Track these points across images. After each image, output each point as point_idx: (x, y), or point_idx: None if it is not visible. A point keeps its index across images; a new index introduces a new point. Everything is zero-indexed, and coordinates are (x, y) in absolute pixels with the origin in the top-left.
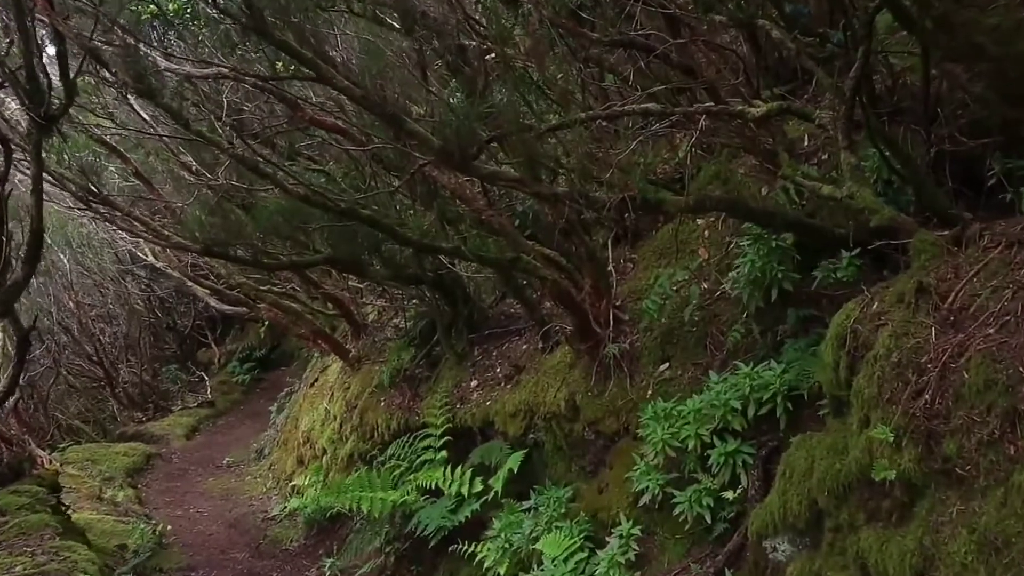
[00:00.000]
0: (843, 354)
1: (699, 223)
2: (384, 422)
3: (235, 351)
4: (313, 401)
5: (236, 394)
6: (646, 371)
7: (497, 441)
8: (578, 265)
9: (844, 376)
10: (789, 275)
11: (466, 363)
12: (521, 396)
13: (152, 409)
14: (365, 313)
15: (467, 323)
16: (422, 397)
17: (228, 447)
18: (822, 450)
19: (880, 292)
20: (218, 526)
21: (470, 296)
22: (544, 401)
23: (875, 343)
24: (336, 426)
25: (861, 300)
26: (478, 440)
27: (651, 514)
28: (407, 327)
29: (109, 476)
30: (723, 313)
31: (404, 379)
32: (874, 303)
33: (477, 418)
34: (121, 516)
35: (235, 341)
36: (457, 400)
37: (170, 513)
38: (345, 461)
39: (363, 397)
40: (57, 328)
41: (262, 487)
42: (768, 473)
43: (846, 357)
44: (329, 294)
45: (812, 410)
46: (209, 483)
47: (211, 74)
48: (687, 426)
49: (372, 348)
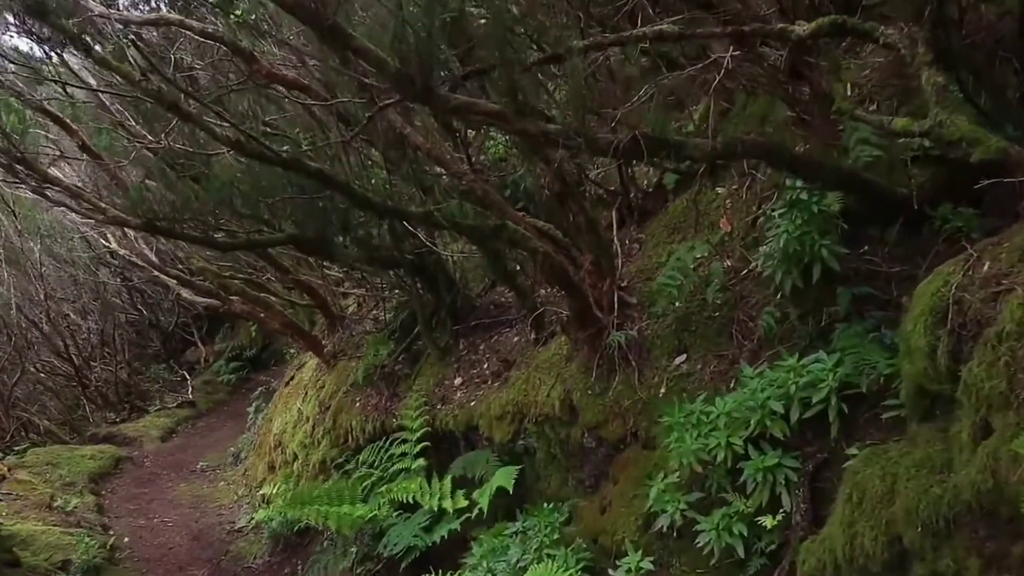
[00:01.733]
0: (942, 334)
1: (719, 191)
2: (359, 424)
3: (224, 350)
4: (287, 401)
5: (220, 394)
6: (658, 364)
7: (483, 451)
8: (575, 238)
9: (945, 364)
10: (834, 248)
11: (449, 358)
12: (509, 395)
13: (128, 409)
14: (344, 305)
15: (451, 313)
16: (400, 397)
17: (205, 450)
18: (907, 467)
19: (990, 249)
20: (181, 538)
21: (455, 283)
22: (536, 401)
23: (995, 317)
24: (308, 429)
25: (963, 261)
26: (461, 446)
27: (666, 542)
28: (387, 319)
29: (69, 481)
30: (751, 295)
31: (381, 376)
32: (984, 263)
33: (460, 421)
34: (71, 527)
35: (225, 340)
36: (438, 400)
37: (132, 522)
38: (317, 468)
39: (337, 397)
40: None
41: (234, 494)
42: (816, 493)
43: (947, 338)
44: (301, 282)
45: (872, 412)
46: (179, 489)
47: (152, 20)
48: (715, 433)
49: (349, 343)
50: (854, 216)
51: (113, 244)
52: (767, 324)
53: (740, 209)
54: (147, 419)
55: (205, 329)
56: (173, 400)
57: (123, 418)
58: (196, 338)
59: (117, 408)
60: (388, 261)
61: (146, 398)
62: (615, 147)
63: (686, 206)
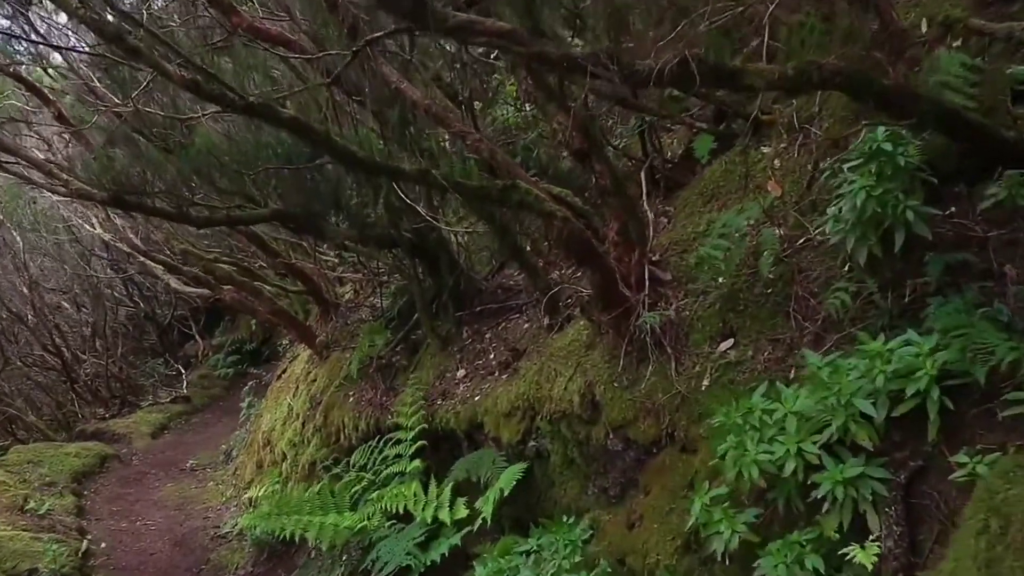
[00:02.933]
0: None
1: (765, 151)
2: (351, 422)
3: (224, 344)
4: (278, 396)
5: (216, 389)
6: (699, 351)
7: (489, 449)
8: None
9: None
10: (922, 209)
11: (452, 348)
12: (519, 389)
13: (119, 405)
14: (340, 292)
15: (454, 298)
16: (397, 391)
17: (197, 448)
18: None
19: None
20: (163, 543)
21: (458, 264)
22: (550, 395)
23: None
24: (298, 426)
25: None
26: (464, 447)
27: (712, 570)
28: (383, 306)
29: (50, 481)
30: (812, 267)
31: (377, 369)
32: None
33: (462, 418)
34: (43, 531)
35: (225, 334)
36: (438, 395)
37: (113, 526)
38: (306, 469)
39: (329, 391)
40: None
41: (222, 496)
42: (913, 513)
43: None
44: (293, 267)
45: (982, 408)
46: (166, 490)
47: None
48: (782, 437)
49: (343, 332)
50: (939, 170)
51: (98, 229)
52: (838, 301)
53: (791, 170)
54: (138, 415)
55: (203, 323)
56: (167, 395)
57: (113, 414)
58: (194, 331)
59: (108, 403)
60: (384, 239)
61: (139, 393)
62: (659, 73)
63: (726, 169)
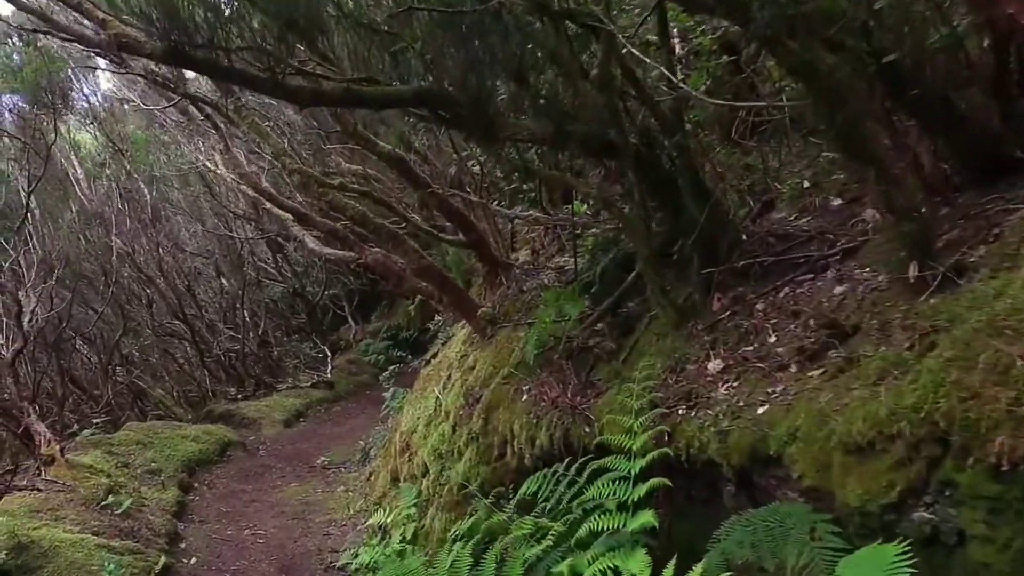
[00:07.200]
0: None
1: None
2: (525, 430)
3: (379, 330)
4: (425, 386)
5: (364, 376)
6: None
7: (799, 505)
8: None
9: None
10: None
11: (694, 325)
12: (904, 397)
13: (254, 385)
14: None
15: (700, 247)
16: (598, 388)
17: (332, 441)
18: None
19: None
20: (268, 565)
21: (710, 193)
22: (989, 416)
23: None
24: (447, 430)
25: None
26: (726, 493)
27: None
28: (577, 267)
29: (155, 468)
30: None
31: (567, 354)
32: None
33: (734, 444)
34: (119, 536)
35: (381, 319)
36: (679, 398)
37: (215, 533)
38: (456, 493)
39: (493, 383)
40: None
41: (349, 508)
42: None
43: None
44: (448, 206)
45: None
46: (289, 491)
47: None
48: None
49: (517, 303)
50: None
51: (220, 168)
52: None
53: None
54: (273, 398)
55: (356, 303)
56: (308, 379)
57: (246, 395)
58: (347, 312)
59: (242, 383)
60: (595, 143)
61: (278, 374)
62: None
63: None
